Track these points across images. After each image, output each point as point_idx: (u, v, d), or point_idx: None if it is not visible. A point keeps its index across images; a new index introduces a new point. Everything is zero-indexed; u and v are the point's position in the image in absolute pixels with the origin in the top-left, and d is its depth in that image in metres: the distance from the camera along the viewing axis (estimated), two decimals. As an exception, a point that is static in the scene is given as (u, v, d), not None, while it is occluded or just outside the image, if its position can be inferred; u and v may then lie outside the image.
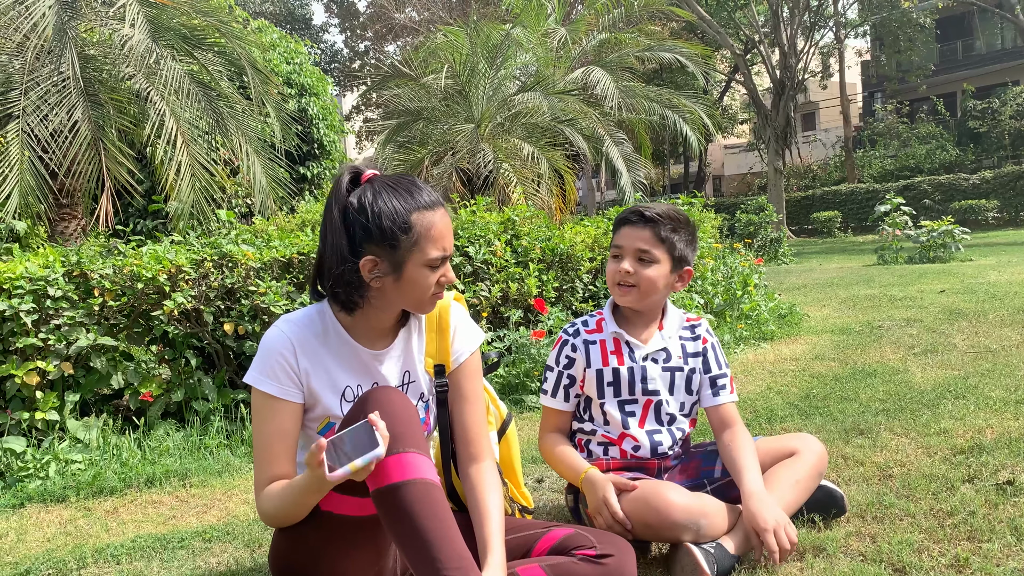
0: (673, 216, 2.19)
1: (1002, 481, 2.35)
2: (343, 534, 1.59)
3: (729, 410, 2.23)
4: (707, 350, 2.29)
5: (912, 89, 29.89)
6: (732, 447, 2.13)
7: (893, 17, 24.84)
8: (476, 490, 1.76)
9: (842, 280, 9.03)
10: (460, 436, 1.84)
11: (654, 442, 2.19)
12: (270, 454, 1.67)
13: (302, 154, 11.05)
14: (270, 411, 1.68)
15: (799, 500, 2.10)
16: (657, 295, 2.21)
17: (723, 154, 40.13)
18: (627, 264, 2.17)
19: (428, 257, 1.66)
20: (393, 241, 1.64)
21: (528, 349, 4.26)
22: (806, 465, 2.12)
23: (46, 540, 2.62)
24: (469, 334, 1.89)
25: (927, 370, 4.03)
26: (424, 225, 1.65)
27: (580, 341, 2.25)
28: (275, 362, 1.68)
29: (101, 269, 3.62)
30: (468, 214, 4.96)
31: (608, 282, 2.25)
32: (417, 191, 1.67)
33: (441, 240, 1.67)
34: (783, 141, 22.20)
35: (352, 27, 34.67)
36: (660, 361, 2.23)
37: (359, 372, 1.76)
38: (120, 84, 6.82)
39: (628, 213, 2.22)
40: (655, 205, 2.22)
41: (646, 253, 2.16)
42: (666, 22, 24.27)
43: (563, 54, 14.49)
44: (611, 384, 2.21)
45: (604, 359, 2.22)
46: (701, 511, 1.94)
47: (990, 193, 21.84)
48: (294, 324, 1.73)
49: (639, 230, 2.18)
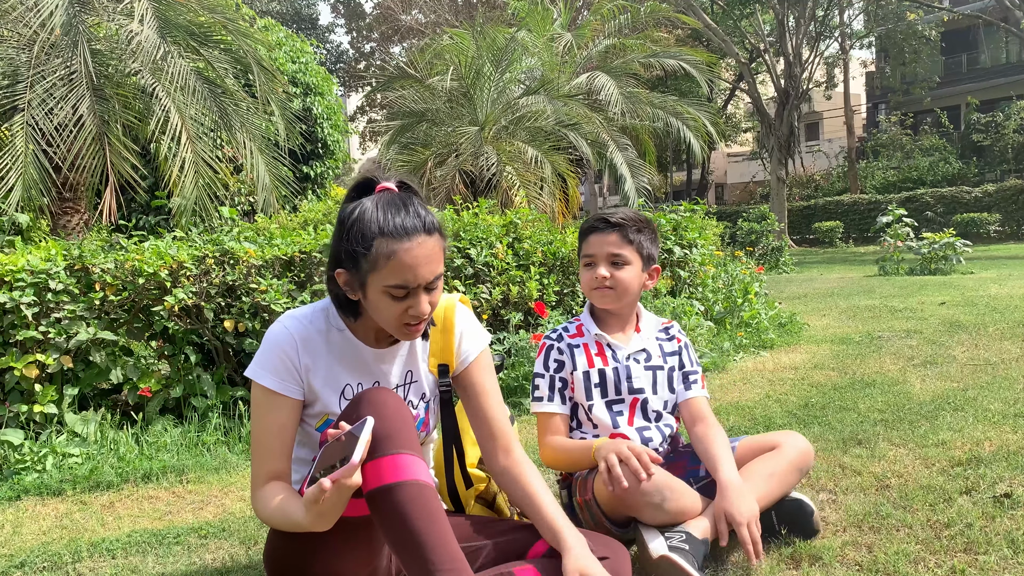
0: (636, 218, 2.29)
1: (999, 494, 2.34)
2: (337, 534, 1.59)
3: (700, 404, 2.30)
4: (681, 349, 2.39)
5: (916, 101, 29.90)
6: (706, 439, 2.17)
7: (899, 29, 24.87)
8: (520, 480, 1.77)
9: (843, 290, 9.03)
10: (486, 431, 1.83)
11: (644, 439, 2.24)
12: (267, 449, 1.68)
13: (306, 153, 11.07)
14: (269, 406, 1.68)
15: (773, 492, 2.09)
16: (632, 295, 2.30)
17: (726, 162, 40.16)
18: (603, 270, 2.25)
19: (385, 284, 1.60)
20: (355, 261, 1.61)
21: (528, 352, 4.26)
22: (784, 459, 2.12)
23: (42, 533, 2.62)
24: (476, 334, 1.89)
25: (926, 382, 4.03)
26: (384, 252, 1.57)
27: (564, 345, 2.32)
28: (276, 357, 1.68)
29: (103, 263, 3.62)
30: (471, 216, 4.96)
31: (585, 289, 2.33)
32: (399, 215, 1.60)
33: (402, 271, 1.58)
34: (786, 150, 22.23)
35: (358, 28, 34.71)
36: (642, 360, 2.32)
37: (360, 370, 1.76)
38: (126, 79, 6.83)
39: (593, 221, 2.31)
40: (617, 210, 2.32)
41: (618, 256, 2.26)
42: (672, 29, 24.32)
43: (568, 59, 14.51)
44: (598, 385, 2.27)
45: (589, 361, 2.29)
46: (667, 484, 1.99)
47: (992, 206, 21.84)
48: (298, 320, 1.73)
49: (607, 235, 2.26)
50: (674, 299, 5.39)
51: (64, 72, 6.16)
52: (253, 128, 7.03)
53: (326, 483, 1.40)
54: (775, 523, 2.13)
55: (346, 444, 1.45)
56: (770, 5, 21.08)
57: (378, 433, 1.50)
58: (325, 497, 1.42)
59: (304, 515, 1.49)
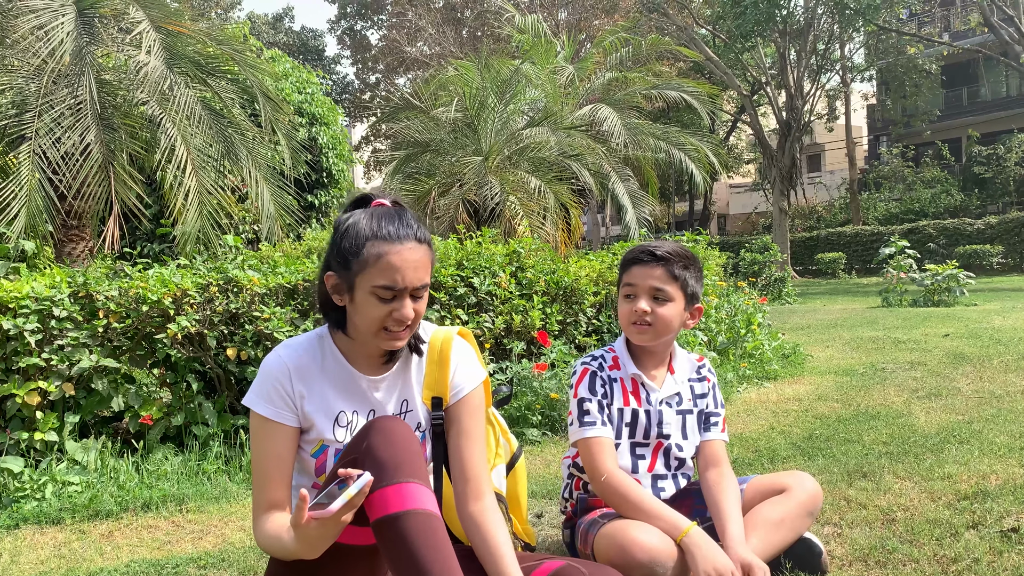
0: (683, 254, 2.18)
1: (1007, 528, 2.32)
2: (341, 563, 1.58)
3: (717, 448, 2.23)
4: (711, 389, 2.30)
5: (917, 134, 30.09)
6: (717, 489, 2.11)
7: (899, 63, 25.10)
8: (483, 528, 1.71)
9: (846, 321, 9.01)
10: (459, 473, 1.78)
11: (657, 489, 2.19)
12: (266, 477, 1.69)
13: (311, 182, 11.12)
14: (266, 433, 1.70)
15: (783, 540, 2.04)
16: (671, 333, 2.20)
17: (728, 193, 40.31)
18: (643, 304, 2.15)
19: (373, 284, 1.64)
20: (346, 261, 1.67)
21: (530, 382, 4.25)
22: (793, 503, 2.07)
23: (40, 563, 2.59)
24: (471, 370, 1.86)
25: (931, 414, 4.01)
26: (374, 253, 1.64)
27: (606, 376, 2.22)
28: (271, 386, 1.71)
29: (107, 291, 3.62)
30: (474, 245, 4.98)
31: (622, 322, 2.22)
32: (393, 223, 1.67)
33: (390, 272, 1.63)
34: (788, 182, 22.33)
35: (364, 59, 35.10)
36: (674, 405, 2.24)
37: (354, 398, 1.77)
38: (133, 109, 6.90)
39: (638, 252, 2.19)
40: (663, 243, 2.21)
41: (660, 292, 2.15)
42: (674, 62, 24.56)
43: (571, 91, 14.65)
44: (628, 425, 2.20)
45: (625, 399, 2.21)
46: (668, 553, 1.91)
47: (995, 238, 21.86)
48: (292, 349, 1.75)
49: (652, 268, 2.15)
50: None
51: (72, 101, 6.22)
52: (259, 157, 7.08)
53: (306, 511, 1.43)
54: (781, 559, 2.09)
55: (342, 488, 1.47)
56: (771, 39, 21.31)
57: (386, 462, 1.51)
58: (306, 525, 1.44)
59: (291, 540, 1.51)
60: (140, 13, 6.35)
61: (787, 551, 2.08)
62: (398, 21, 31.70)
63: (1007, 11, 18.30)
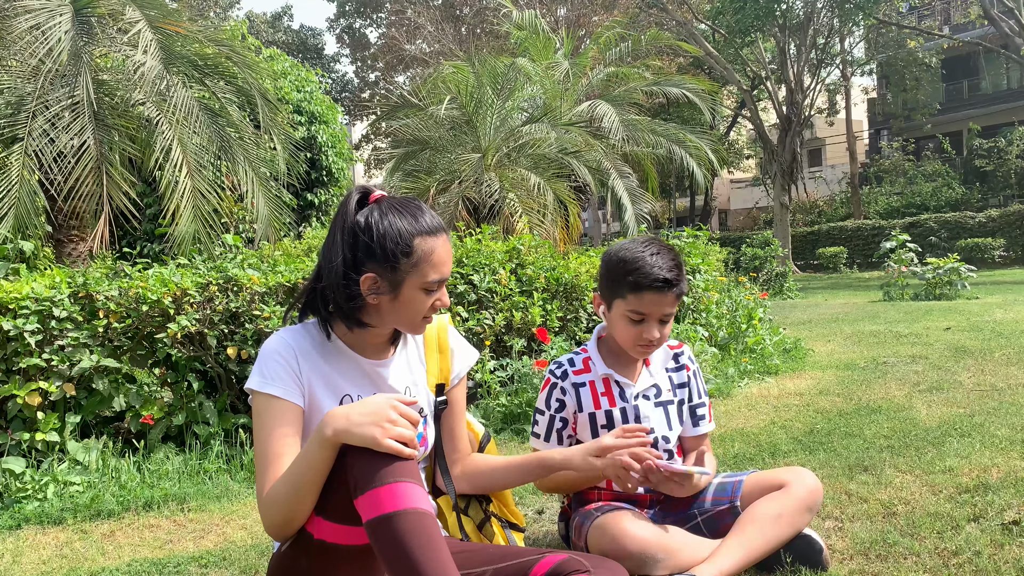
0: (680, 264, 2.13)
1: (1008, 521, 2.32)
2: (336, 563, 1.58)
3: (703, 439, 2.29)
4: (690, 378, 2.30)
5: (918, 127, 30.06)
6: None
7: (899, 56, 25.09)
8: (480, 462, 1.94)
9: (847, 316, 9.00)
10: (451, 446, 1.94)
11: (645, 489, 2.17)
12: (273, 455, 1.64)
13: (310, 181, 11.13)
14: (272, 414, 1.67)
15: (782, 535, 2.02)
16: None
17: (729, 188, 40.29)
18: (655, 331, 2.11)
19: (426, 280, 1.70)
20: (394, 262, 1.68)
21: (531, 379, 4.25)
22: (793, 498, 2.05)
23: (42, 563, 2.60)
24: (466, 353, 1.97)
25: (932, 407, 4.00)
26: (425, 250, 1.68)
27: (568, 384, 2.22)
28: (276, 364, 1.70)
29: (107, 291, 3.63)
30: (473, 242, 4.97)
31: (624, 343, 2.16)
32: (422, 215, 1.71)
33: (441, 266, 1.71)
34: (789, 176, 22.31)
35: (363, 58, 35.11)
36: (652, 397, 2.23)
37: (359, 381, 1.78)
38: (130, 109, 6.89)
39: (652, 280, 2.06)
40: (664, 255, 2.11)
41: (668, 315, 2.13)
42: (673, 57, 24.55)
43: (570, 87, 14.63)
44: (604, 427, 2.18)
45: (596, 402, 2.20)
46: (660, 546, 1.92)
47: (996, 231, 21.84)
48: (293, 332, 1.77)
49: (665, 296, 2.08)
50: (678, 324, 5.38)
51: (69, 102, 6.21)
52: (255, 158, 7.06)
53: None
54: (781, 554, 2.07)
55: None
56: (771, 33, 21.27)
57: (378, 462, 1.50)
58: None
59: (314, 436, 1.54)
60: (137, 13, 6.32)
61: (787, 547, 2.07)
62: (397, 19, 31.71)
63: (1007, 3, 18.25)
